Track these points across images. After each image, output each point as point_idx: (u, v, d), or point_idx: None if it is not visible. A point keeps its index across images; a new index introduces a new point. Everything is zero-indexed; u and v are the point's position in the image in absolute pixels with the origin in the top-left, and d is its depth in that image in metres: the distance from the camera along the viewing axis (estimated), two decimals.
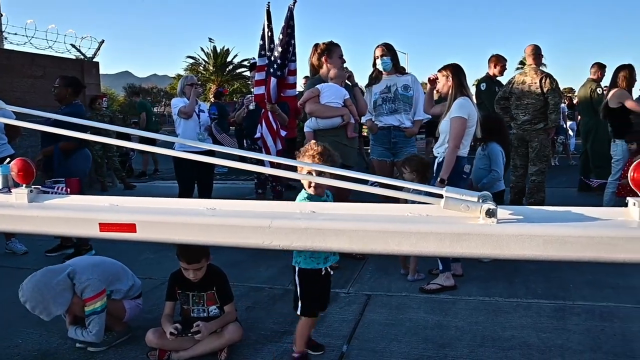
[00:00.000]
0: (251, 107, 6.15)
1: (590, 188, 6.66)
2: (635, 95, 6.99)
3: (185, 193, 5.47)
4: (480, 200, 1.51)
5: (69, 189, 4.11)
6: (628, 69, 6.15)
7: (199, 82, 7.22)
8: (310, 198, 2.71)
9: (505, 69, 7.34)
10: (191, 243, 1.54)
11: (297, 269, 2.86)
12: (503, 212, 1.55)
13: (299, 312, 2.90)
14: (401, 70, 4.95)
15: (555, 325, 3.32)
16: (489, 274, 4.24)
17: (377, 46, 4.90)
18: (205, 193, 5.60)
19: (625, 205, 1.61)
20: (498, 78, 7.21)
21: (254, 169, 1.82)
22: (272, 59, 4.94)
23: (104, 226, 1.45)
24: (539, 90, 5.90)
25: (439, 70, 4.05)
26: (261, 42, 5.18)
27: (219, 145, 5.86)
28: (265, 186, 6.65)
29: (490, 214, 1.44)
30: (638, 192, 1.57)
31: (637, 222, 1.46)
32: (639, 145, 5.72)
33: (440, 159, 3.97)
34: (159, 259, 4.84)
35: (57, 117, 2.09)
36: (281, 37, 4.83)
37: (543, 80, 5.90)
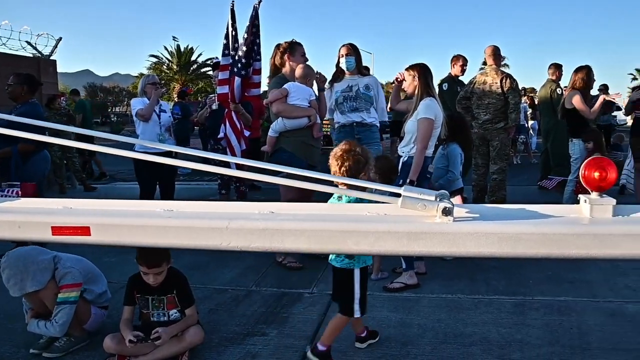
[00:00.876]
0: (214, 106, 6.07)
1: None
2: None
3: (146, 195, 5.36)
4: (438, 199, 1.52)
5: (21, 193, 3.98)
6: (585, 70, 6.32)
7: (162, 82, 7.10)
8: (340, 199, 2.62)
9: (466, 68, 7.45)
10: (147, 246, 1.50)
11: (356, 270, 2.80)
12: (459, 210, 1.57)
13: (358, 314, 2.83)
14: (363, 72, 4.97)
15: (515, 321, 3.39)
16: (452, 272, 4.30)
17: (343, 45, 4.91)
18: (168, 194, 5.51)
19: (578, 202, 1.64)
20: (460, 78, 7.31)
21: (217, 171, 1.79)
22: (237, 58, 4.89)
23: (56, 229, 1.40)
24: (499, 90, 6.02)
25: (407, 69, 4.08)
26: (225, 41, 5.12)
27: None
28: (229, 187, 6.60)
29: (447, 212, 1.45)
30: (590, 190, 1.60)
31: (588, 218, 1.50)
32: (595, 144, 5.89)
33: (405, 159, 4.00)
34: (120, 262, 4.73)
35: (12, 118, 1.99)
36: (246, 36, 4.78)
37: (503, 81, 6.02)
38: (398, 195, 1.69)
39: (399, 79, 4.28)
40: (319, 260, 4.64)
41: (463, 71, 7.28)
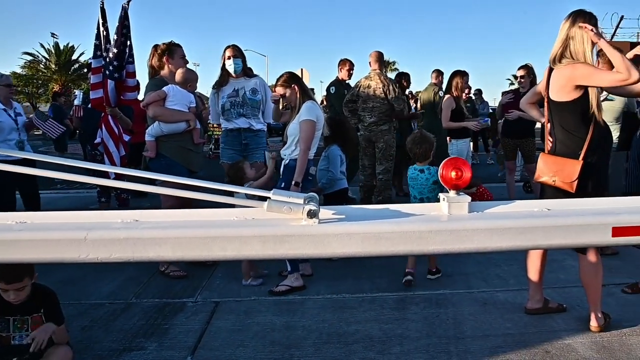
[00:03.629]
0: (76, 101, 5.71)
1: None
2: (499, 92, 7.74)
3: (3, 206, 4.86)
4: (306, 202, 1.51)
5: None
6: (459, 75, 6.74)
7: (39, 82, 6.53)
8: None
9: (353, 72, 7.64)
10: None
11: None
12: (326, 212, 1.57)
13: None
14: (249, 73, 4.90)
15: (397, 316, 3.51)
16: (338, 272, 4.37)
17: (227, 47, 4.80)
18: (32, 204, 5.06)
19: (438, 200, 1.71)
20: (347, 82, 7.49)
21: (87, 180, 1.67)
22: (108, 60, 4.61)
23: None
24: (383, 94, 6.26)
25: (279, 85, 4.11)
26: (96, 42, 4.81)
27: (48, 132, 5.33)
28: (109, 194, 6.24)
29: (312, 214, 1.45)
30: (447, 189, 1.68)
31: (447, 215, 1.56)
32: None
33: (287, 161, 4.01)
34: None
35: None
36: (116, 37, 4.53)
37: (387, 86, 6.27)
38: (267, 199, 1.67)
39: (276, 100, 4.37)
40: (204, 267, 4.52)
41: (350, 75, 7.46)
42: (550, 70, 3.14)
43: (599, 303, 3.21)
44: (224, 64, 4.80)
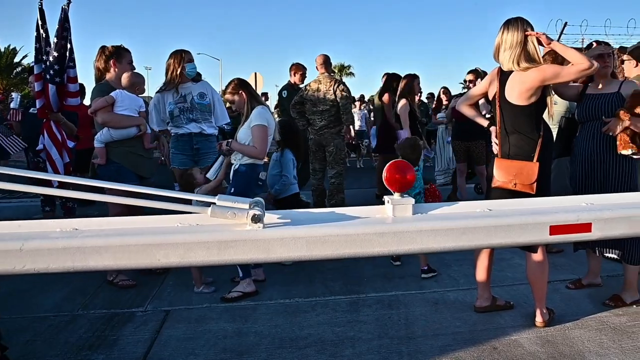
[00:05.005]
0: (12, 104, 5.49)
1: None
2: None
3: None
4: (251, 206, 1.50)
5: None
6: (408, 78, 6.86)
7: None
8: None
9: (305, 77, 7.65)
10: None
11: None
12: (271, 216, 1.56)
13: None
14: (196, 78, 4.82)
15: (349, 319, 3.52)
16: (291, 276, 4.36)
17: (183, 51, 4.68)
18: None
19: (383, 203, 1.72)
20: (300, 85, 7.50)
21: (27, 190, 1.60)
22: (48, 64, 4.44)
23: None
24: (332, 97, 6.28)
25: (228, 92, 4.08)
26: (37, 46, 4.61)
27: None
28: (54, 203, 6.03)
29: (256, 219, 1.44)
30: (392, 191, 1.70)
31: (391, 218, 1.58)
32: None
33: (237, 166, 3.97)
34: None
35: None
36: (56, 40, 4.37)
37: (335, 87, 6.30)
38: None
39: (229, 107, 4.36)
40: (155, 275, 4.42)
41: (303, 79, 7.47)
42: (502, 73, 3.22)
43: (544, 299, 3.33)
44: (173, 68, 4.66)
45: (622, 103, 3.46)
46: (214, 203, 1.59)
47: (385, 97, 7.48)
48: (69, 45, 4.46)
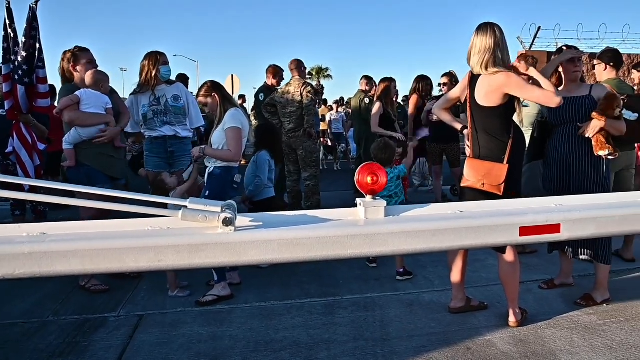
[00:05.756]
0: None
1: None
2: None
3: None
4: (223, 209, 1.49)
5: None
6: (386, 82, 6.90)
7: None
8: None
9: (283, 79, 7.64)
10: None
11: None
12: (243, 219, 1.55)
13: None
14: (170, 80, 4.77)
15: (325, 321, 3.52)
16: (266, 279, 4.34)
17: (158, 53, 4.62)
18: None
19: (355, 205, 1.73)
20: (276, 88, 7.48)
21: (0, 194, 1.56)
22: (17, 64, 4.35)
23: None
24: (299, 99, 6.31)
25: (201, 95, 4.05)
26: (5, 45, 4.50)
27: None
28: (25, 207, 5.90)
29: (228, 222, 1.42)
30: (364, 194, 1.70)
31: (363, 220, 1.59)
32: (404, 149, 6.44)
33: (211, 169, 3.94)
34: None
35: None
36: (24, 39, 4.28)
37: (303, 89, 6.32)
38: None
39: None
40: (128, 280, 4.35)
41: (279, 82, 7.47)
42: (473, 76, 3.26)
43: (516, 299, 3.38)
44: (148, 70, 4.60)
45: (595, 105, 3.54)
46: (186, 206, 1.57)
47: (414, 98, 7.43)
48: (37, 45, 4.38)
